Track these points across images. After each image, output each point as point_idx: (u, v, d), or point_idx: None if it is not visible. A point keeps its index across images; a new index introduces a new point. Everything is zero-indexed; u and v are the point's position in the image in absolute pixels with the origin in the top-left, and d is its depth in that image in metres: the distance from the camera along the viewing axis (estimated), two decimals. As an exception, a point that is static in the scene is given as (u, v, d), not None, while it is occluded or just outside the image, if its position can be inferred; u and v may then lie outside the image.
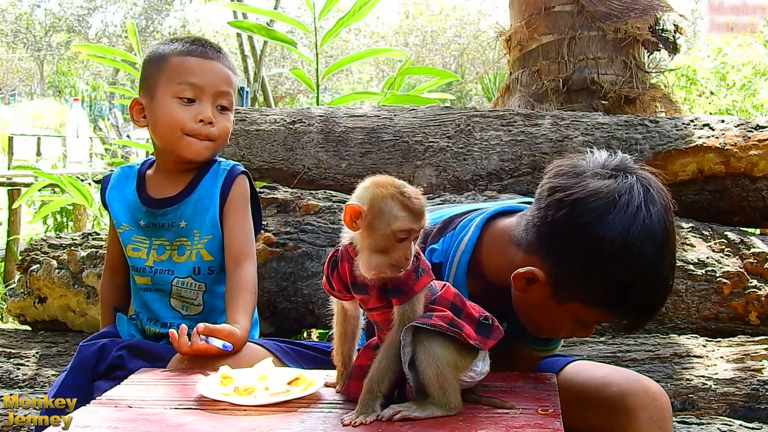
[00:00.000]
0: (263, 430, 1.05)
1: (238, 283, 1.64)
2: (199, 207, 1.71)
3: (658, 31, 3.90)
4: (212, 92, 1.70)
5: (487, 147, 2.70)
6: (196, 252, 1.71)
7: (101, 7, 26.59)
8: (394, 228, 1.08)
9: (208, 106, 1.69)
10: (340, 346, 1.26)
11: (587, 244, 1.19)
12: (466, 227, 1.40)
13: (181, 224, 1.71)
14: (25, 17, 26.35)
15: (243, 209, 1.74)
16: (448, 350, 1.11)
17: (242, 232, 1.72)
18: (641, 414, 1.36)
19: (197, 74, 1.69)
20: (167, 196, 1.73)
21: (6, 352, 2.45)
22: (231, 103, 1.74)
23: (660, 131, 2.69)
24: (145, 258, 1.73)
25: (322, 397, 1.21)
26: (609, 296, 1.22)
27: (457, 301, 1.16)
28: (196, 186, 1.73)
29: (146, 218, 1.73)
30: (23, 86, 29.06)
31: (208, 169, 1.75)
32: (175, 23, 26.51)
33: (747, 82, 7.82)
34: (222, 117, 1.71)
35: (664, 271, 1.24)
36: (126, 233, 1.75)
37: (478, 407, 1.14)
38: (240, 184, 1.74)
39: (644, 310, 1.28)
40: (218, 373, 1.25)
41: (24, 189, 5.66)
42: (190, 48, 1.73)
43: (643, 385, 1.40)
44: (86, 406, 1.17)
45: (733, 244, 2.43)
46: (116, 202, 1.78)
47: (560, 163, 1.31)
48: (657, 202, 1.22)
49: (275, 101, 8.74)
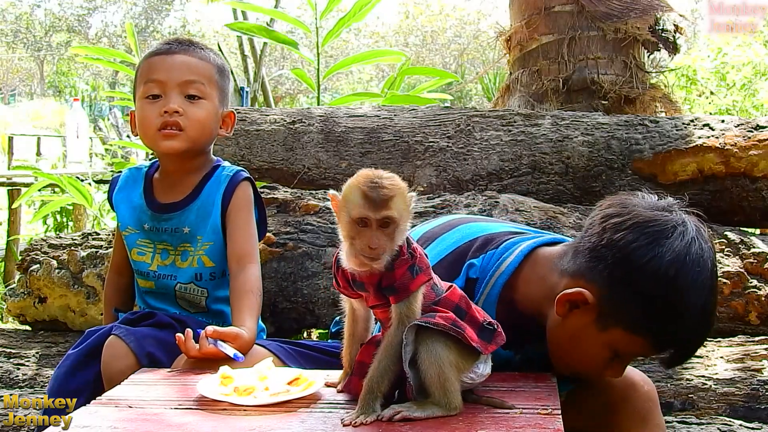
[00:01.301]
0: (263, 430, 1.05)
1: (243, 285, 1.63)
2: (203, 213, 1.71)
3: (658, 31, 3.91)
4: (176, 84, 1.67)
5: (487, 147, 2.70)
6: (198, 258, 1.71)
7: (101, 7, 26.58)
8: (352, 215, 1.10)
9: (172, 98, 1.67)
10: (348, 346, 1.27)
11: (642, 265, 1.19)
12: (509, 250, 1.38)
13: (185, 230, 1.71)
14: (25, 17, 26.35)
15: (246, 213, 1.73)
16: (450, 350, 1.11)
17: (245, 235, 1.71)
18: (623, 407, 1.35)
19: (159, 69, 1.68)
20: (173, 201, 1.73)
21: (6, 352, 2.45)
22: (202, 91, 1.69)
23: (660, 131, 2.69)
24: (150, 262, 1.74)
25: (323, 397, 1.21)
26: (655, 322, 1.21)
27: (462, 304, 1.16)
28: (200, 192, 1.73)
29: (151, 222, 1.73)
30: (23, 86, 29.05)
31: (212, 174, 1.75)
32: (175, 23, 26.51)
33: (747, 82, 7.82)
34: (192, 106, 1.68)
35: (709, 306, 1.24)
36: (131, 237, 1.75)
37: (479, 407, 1.14)
38: (242, 190, 1.73)
39: (686, 343, 1.27)
40: (218, 373, 1.25)
41: (24, 189, 5.65)
42: (156, 48, 1.74)
43: (623, 378, 1.37)
44: (86, 406, 1.17)
45: (733, 244, 2.43)
46: (123, 204, 1.78)
47: (610, 198, 1.32)
48: (707, 240, 1.25)
49: (275, 101, 8.74)
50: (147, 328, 1.62)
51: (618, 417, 1.35)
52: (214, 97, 1.73)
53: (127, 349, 1.51)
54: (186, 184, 1.74)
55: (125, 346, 1.52)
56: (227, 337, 1.44)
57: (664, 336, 1.24)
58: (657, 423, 1.37)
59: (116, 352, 1.51)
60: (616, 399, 1.35)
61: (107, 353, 1.52)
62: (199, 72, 1.70)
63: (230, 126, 1.81)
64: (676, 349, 1.27)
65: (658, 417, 1.38)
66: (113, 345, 1.53)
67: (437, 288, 1.18)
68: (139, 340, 1.54)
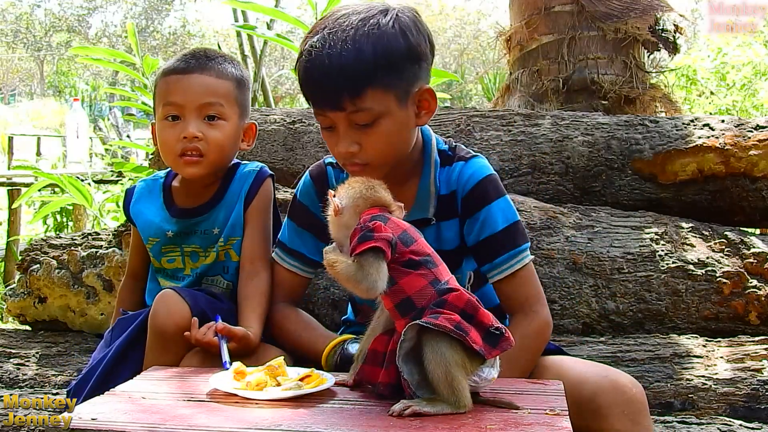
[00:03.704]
0: (274, 423, 1.06)
1: (255, 289, 1.65)
2: (229, 211, 1.72)
3: (658, 31, 3.90)
4: (194, 107, 1.66)
5: (487, 147, 2.70)
6: (225, 252, 1.72)
7: (101, 7, 26.60)
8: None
9: (191, 122, 1.66)
10: (364, 339, 1.28)
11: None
12: None
13: (214, 231, 1.72)
14: (25, 17, 26.36)
15: (266, 213, 1.75)
16: (456, 351, 1.12)
17: (262, 236, 1.73)
18: (611, 411, 1.34)
19: (176, 92, 1.67)
20: (198, 205, 1.74)
21: (6, 352, 2.45)
22: (221, 112, 1.69)
23: (660, 131, 2.69)
24: (183, 266, 1.75)
25: (334, 393, 1.22)
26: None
27: (468, 308, 1.16)
28: (225, 193, 1.74)
29: (176, 227, 1.74)
30: (23, 86, 29.07)
31: (233, 175, 1.76)
32: (175, 23, 26.52)
33: (747, 82, 7.82)
34: (211, 129, 1.67)
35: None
36: (155, 246, 1.76)
37: (486, 407, 1.15)
38: (266, 188, 1.75)
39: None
40: (231, 368, 1.27)
41: (24, 189, 5.66)
42: (173, 65, 1.71)
43: (611, 380, 1.38)
44: (99, 397, 1.19)
45: (733, 244, 2.43)
46: (142, 216, 1.79)
47: None
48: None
49: (275, 101, 8.74)
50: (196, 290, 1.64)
51: (607, 421, 1.34)
52: (234, 113, 1.72)
53: (183, 303, 1.50)
54: (209, 187, 1.75)
55: (181, 299, 1.51)
56: (235, 336, 1.46)
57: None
58: (646, 426, 1.37)
59: (171, 306, 1.49)
60: (604, 402, 1.35)
61: (160, 307, 1.50)
62: (218, 93, 1.69)
63: (252, 138, 1.80)
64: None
65: (647, 419, 1.38)
66: (168, 298, 1.51)
67: (438, 284, 1.18)
68: (193, 296, 1.55)
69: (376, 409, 1.14)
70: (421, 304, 1.16)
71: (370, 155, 1.46)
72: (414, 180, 1.58)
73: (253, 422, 1.06)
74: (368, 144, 1.45)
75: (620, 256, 2.37)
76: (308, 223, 1.64)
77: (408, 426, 1.06)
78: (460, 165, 1.57)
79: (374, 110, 1.42)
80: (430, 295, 1.16)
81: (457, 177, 1.56)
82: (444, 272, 1.21)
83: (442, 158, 1.60)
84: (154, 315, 1.50)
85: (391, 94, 1.44)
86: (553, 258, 2.34)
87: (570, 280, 2.33)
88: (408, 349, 1.13)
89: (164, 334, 1.47)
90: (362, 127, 1.44)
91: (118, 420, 1.07)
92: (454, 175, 1.57)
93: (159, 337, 1.47)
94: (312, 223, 1.61)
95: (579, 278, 2.34)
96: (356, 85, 1.40)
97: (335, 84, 1.40)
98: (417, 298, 1.16)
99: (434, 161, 1.58)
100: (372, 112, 1.42)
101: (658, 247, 2.39)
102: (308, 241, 1.64)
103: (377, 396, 1.20)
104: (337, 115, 1.44)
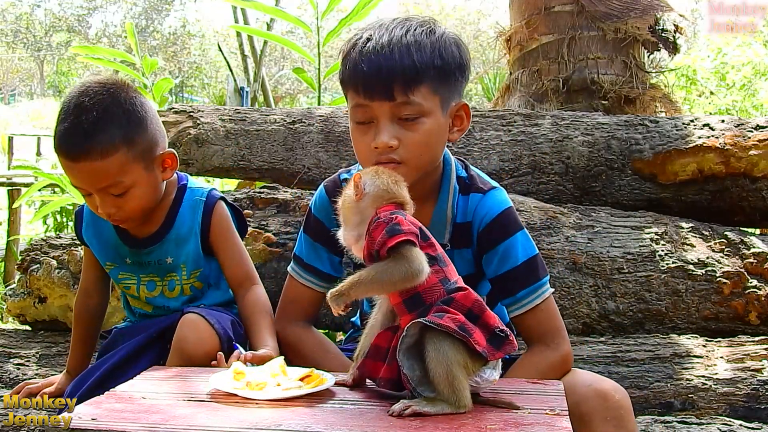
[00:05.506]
0: (274, 422, 1.07)
1: (254, 306, 1.66)
2: (181, 241, 1.70)
3: (658, 31, 3.90)
4: (97, 191, 1.58)
5: (487, 147, 2.70)
6: (190, 286, 1.73)
7: (101, 7, 26.61)
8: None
9: (101, 201, 1.58)
10: (363, 338, 1.29)
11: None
12: None
13: (168, 260, 1.71)
14: (25, 17, 26.37)
15: (231, 234, 1.74)
16: (459, 351, 1.12)
17: (238, 257, 1.73)
18: (594, 418, 1.35)
19: (72, 176, 1.57)
20: (148, 235, 1.70)
21: (6, 352, 2.45)
22: (124, 185, 1.56)
23: (660, 131, 2.69)
24: (137, 294, 1.74)
25: (334, 393, 1.22)
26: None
27: (475, 308, 1.16)
28: (174, 219, 1.70)
29: (132, 257, 1.72)
30: (23, 86, 29.08)
31: (181, 198, 1.72)
32: (175, 23, 26.53)
33: (747, 82, 7.83)
34: (125, 200, 1.58)
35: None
36: (113, 271, 1.75)
37: (487, 407, 1.15)
38: (219, 212, 1.72)
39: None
40: (231, 368, 1.28)
41: (24, 189, 5.66)
42: (58, 144, 1.56)
43: (594, 389, 1.38)
44: (98, 397, 1.19)
45: (733, 244, 2.43)
46: (96, 240, 1.76)
47: None
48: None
49: (275, 101, 8.75)
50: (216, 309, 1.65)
51: (590, 427, 1.35)
52: (138, 171, 1.59)
53: (212, 331, 1.52)
54: (156, 214, 1.70)
55: (209, 327, 1.52)
56: (262, 360, 1.44)
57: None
58: (631, 430, 1.38)
59: (200, 332, 1.51)
60: (587, 409, 1.36)
61: (189, 333, 1.50)
62: (110, 173, 1.55)
63: (172, 165, 1.67)
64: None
65: (631, 423, 1.38)
66: (196, 324, 1.52)
67: (447, 283, 1.18)
68: (218, 320, 1.55)
69: (376, 409, 1.14)
70: (430, 300, 1.16)
71: (407, 153, 1.45)
72: (430, 202, 1.57)
73: (253, 422, 1.06)
74: (408, 140, 1.44)
75: (620, 256, 2.37)
76: (324, 238, 1.63)
77: (408, 426, 1.06)
78: (478, 198, 1.56)
79: (422, 107, 1.43)
80: (440, 293, 1.17)
81: (474, 210, 1.56)
82: (453, 272, 1.22)
83: (460, 185, 1.59)
84: (182, 340, 1.50)
85: (438, 98, 1.45)
86: (553, 258, 2.34)
87: (570, 280, 2.34)
88: (410, 344, 1.14)
89: (191, 359, 1.48)
90: (404, 122, 1.44)
91: (118, 420, 1.07)
92: (470, 206, 1.56)
93: (186, 362, 1.48)
94: (327, 237, 1.59)
95: (579, 278, 2.34)
96: (412, 76, 1.41)
97: (391, 72, 1.41)
98: (427, 294, 1.16)
99: (453, 187, 1.58)
100: (419, 108, 1.43)
101: (658, 247, 2.39)
102: (323, 256, 1.64)
103: (377, 396, 1.20)
104: (382, 105, 1.44)
